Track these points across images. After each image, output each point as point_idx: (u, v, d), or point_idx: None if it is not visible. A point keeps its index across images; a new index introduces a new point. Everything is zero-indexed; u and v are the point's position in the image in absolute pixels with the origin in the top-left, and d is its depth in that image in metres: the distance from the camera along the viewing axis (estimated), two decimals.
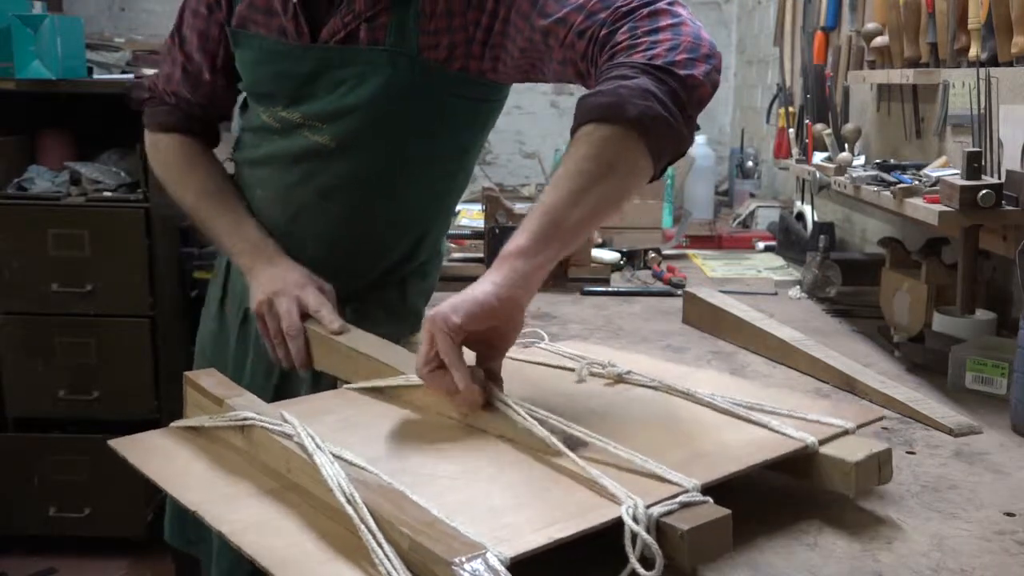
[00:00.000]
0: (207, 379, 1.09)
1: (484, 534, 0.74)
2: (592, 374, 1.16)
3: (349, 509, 0.76)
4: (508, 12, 1.18)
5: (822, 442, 0.94)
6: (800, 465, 0.95)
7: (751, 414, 1.00)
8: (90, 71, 2.87)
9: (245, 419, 0.94)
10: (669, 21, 1.04)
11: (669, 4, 1.06)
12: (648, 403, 1.07)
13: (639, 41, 1.02)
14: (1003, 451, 1.14)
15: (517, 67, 1.22)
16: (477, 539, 0.72)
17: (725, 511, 0.80)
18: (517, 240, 0.98)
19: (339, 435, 0.93)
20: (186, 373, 1.11)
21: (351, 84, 1.26)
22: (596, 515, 0.79)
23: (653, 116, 0.97)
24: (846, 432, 0.97)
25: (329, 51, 1.25)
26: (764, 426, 0.98)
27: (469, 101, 1.30)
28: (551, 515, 0.79)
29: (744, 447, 0.94)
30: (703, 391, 1.06)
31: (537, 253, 0.97)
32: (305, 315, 1.28)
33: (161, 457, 0.97)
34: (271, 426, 0.91)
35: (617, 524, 0.77)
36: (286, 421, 0.91)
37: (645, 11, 1.05)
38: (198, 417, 1.02)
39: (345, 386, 1.15)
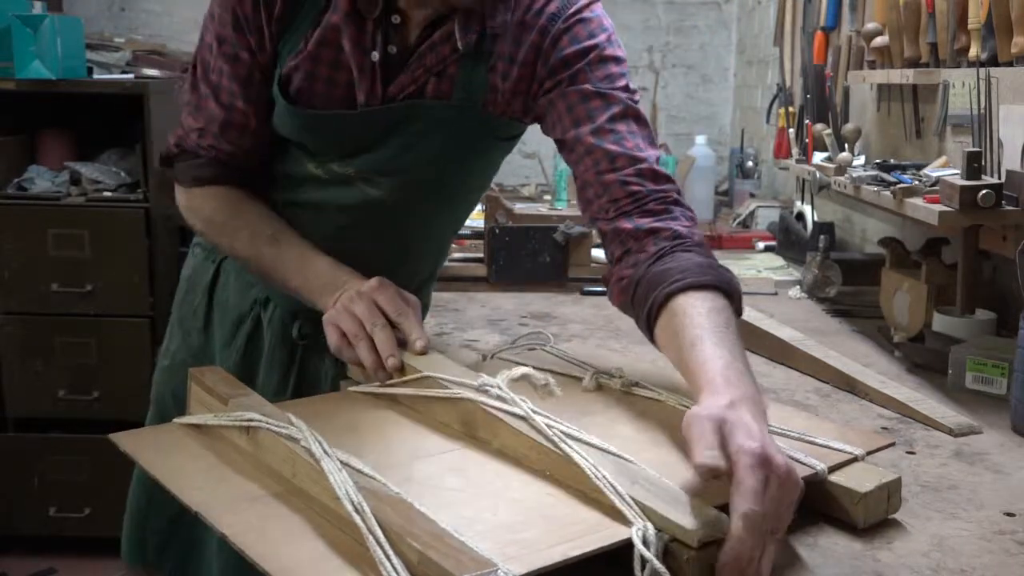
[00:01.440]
0: (212, 376, 1.07)
1: (493, 550, 0.73)
2: (600, 384, 1.15)
3: (357, 518, 0.75)
4: (558, 99, 1.22)
5: (831, 469, 0.93)
6: (808, 492, 0.90)
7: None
8: (90, 71, 2.87)
9: (250, 420, 0.93)
10: (692, 215, 1.18)
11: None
12: (656, 416, 1.05)
13: (694, 231, 1.15)
14: (1003, 451, 1.15)
15: (551, 131, 1.27)
16: (486, 555, 0.71)
17: None
18: (742, 391, 0.89)
19: (343, 439, 0.91)
20: (191, 369, 1.09)
21: (413, 139, 1.24)
22: (605, 535, 0.77)
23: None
24: (855, 459, 0.96)
25: (397, 109, 1.22)
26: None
27: (505, 140, 1.34)
28: (559, 533, 0.78)
29: None
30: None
31: (746, 398, 0.88)
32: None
33: (162, 453, 0.95)
34: (276, 428, 0.90)
35: (626, 544, 0.76)
36: (292, 424, 0.90)
37: (687, 207, 1.18)
38: (202, 415, 1.01)
39: (349, 388, 1.14)
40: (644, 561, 0.74)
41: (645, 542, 0.75)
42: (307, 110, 1.22)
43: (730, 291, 1.07)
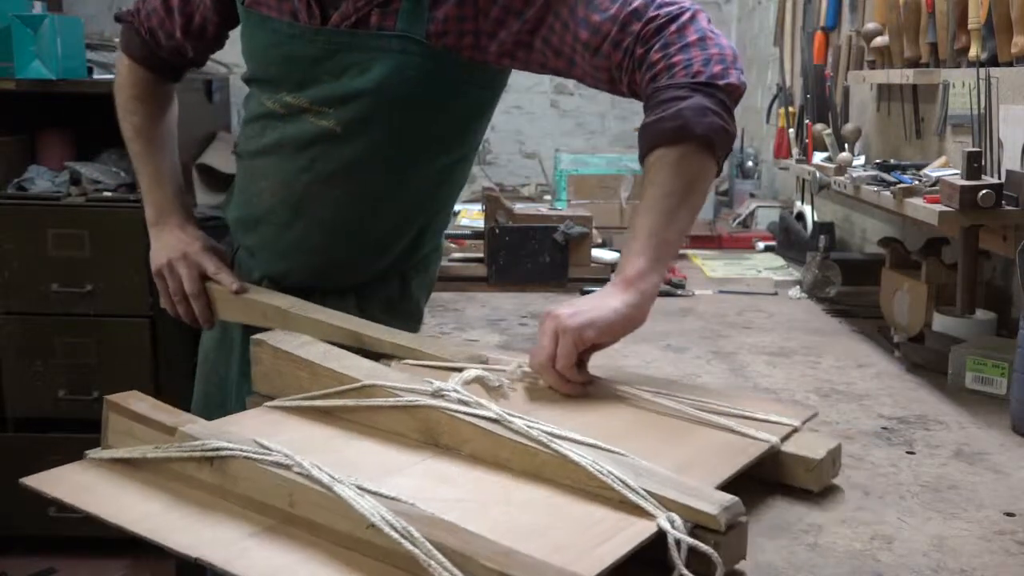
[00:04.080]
0: (138, 403, 0.94)
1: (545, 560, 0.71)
2: (525, 374, 1.11)
3: (408, 545, 0.70)
4: (545, 13, 1.20)
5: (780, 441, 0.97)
6: (763, 463, 0.96)
7: (704, 416, 1.01)
8: (90, 71, 2.87)
9: (217, 449, 0.83)
10: (695, 36, 1.13)
11: (691, 17, 1.14)
12: (600, 406, 1.05)
13: (675, 60, 1.12)
14: (1003, 451, 1.15)
15: (543, 65, 1.26)
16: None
17: (744, 518, 0.80)
18: (635, 264, 1.10)
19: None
20: (108, 397, 0.96)
21: (359, 69, 1.26)
22: (636, 531, 0.77)
23: (715, 129, 1.10)
24: (795, 429, 1.00)
25: (339, 35, 1.26)
26: (725, 428, 0.99)
27: (473, 88, 1.32)
28: (589, 535, 0.77)
29: (719, 452, 0.94)
30: (647, 391, 1.07)
31: (654, 272, 1.10)
32: (205, 277, 1.41)
33: (105, 496, 0.85)
34: (258, 456, 0.82)
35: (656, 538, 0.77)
36: (270, 449, 0.83)
37: (673, 27, 1.13)
38: (135, 448, 0.90)
39: (267, 403, 1.04)
40: (679, 548, 0.75)
41: (675, 529, 0.76)
42: (261, 15, 1.30)
43: (687, 136, 1.09)
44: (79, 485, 0.88)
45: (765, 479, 0.96)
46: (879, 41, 1.97)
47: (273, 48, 1.31)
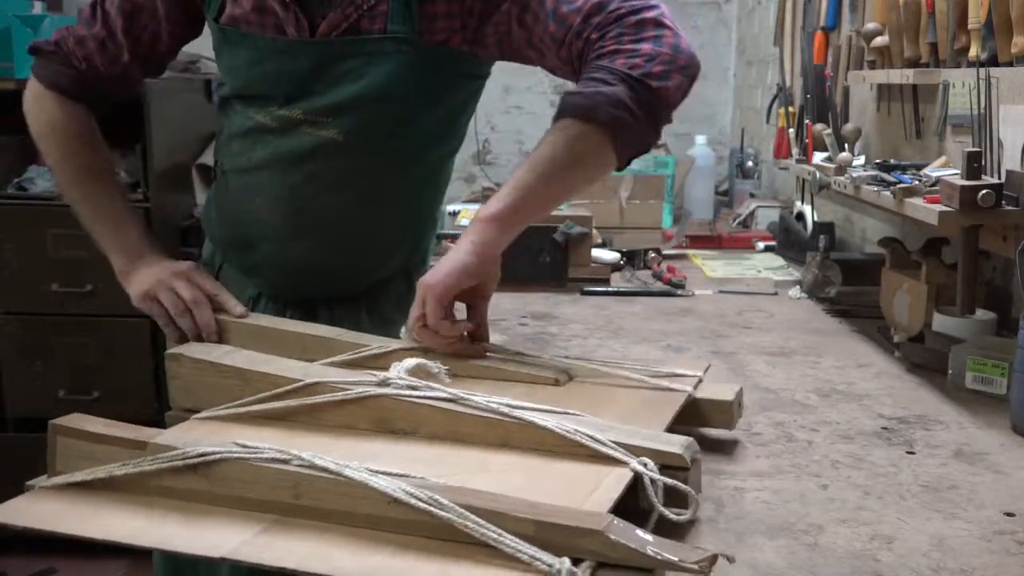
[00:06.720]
0: (92, 423, 0.90)
1: None
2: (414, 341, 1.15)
3: (440, 512, 0.73)
4: (513, 6, 1.21)
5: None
6: (684, 411, 1.04)
7: (619, 375, 1.10)
8: None
9: (203, 455, 0.82)
10: (653, 32, 1.15)
11: (657, 15, 1.16)
12: (519, 382, 1.10)
13: (623, 48, 1.14)
14: (1003, 451, 1.15)
15: (518, 55, 1.27)
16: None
17: (700, 454, 0.90)
18: (491, 207, 1.14)
19: None
20: (54, 422, 0.91)
21: (355, 75, 1.25)
22: (616, 477, 0.83)
23: (621, 122, 1.12)
24: (700, 380, 1.10)
25: (332, 44, 1.24)
26: (643, 385, 1.08)
27: (462, 78, 1.33)
28: (577, 487, 0.82)
29: (647, 406, 1.02)
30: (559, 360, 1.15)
31: (507, 221, 1.14)
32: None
33: (87, 519, 0.81)
34: (251, 456, 0.82)
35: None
36: (257, 448, 0.83)
37: (633, 19, 1.15)
38: (97, 468, 0.85)
39: (197, 415, 1.01)
40: (655, 487, 0.83)
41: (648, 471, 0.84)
42: (243, 32, 1.27)
43: (592, 119, 1.12)
44: (49, 513, 0.82)
45: (689, 427, 1.03)
46: (879, 41, 1.97)
47: (259, 64, 1.29)
